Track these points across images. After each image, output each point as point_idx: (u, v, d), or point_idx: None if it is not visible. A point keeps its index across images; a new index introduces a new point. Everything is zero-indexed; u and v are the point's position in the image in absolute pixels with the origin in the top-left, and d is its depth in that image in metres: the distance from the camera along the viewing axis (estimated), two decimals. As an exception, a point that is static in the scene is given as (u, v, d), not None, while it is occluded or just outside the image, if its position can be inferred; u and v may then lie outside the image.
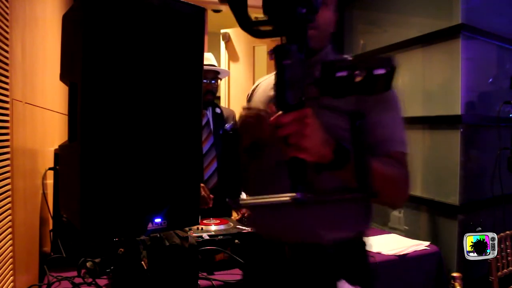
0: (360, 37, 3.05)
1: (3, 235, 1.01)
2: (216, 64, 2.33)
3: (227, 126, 0.88)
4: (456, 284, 1.58)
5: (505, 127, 2.32)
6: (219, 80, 2.35)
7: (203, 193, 1.92)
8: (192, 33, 0.98)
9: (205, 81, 2.21)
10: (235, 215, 2.16)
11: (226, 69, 2.42)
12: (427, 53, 2.42)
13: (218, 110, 2.34)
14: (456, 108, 2.18)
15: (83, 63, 0.84)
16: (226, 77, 4.06)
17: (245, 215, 1.94)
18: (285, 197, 0.66)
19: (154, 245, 1.09)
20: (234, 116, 2.44)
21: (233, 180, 0.81)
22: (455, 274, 1.61)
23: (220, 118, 2.33)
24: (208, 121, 2.29)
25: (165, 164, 0.96)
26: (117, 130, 0.88)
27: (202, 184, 1.99)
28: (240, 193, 0.79)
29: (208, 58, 2.30)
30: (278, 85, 0.64)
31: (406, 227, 2.46)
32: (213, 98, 2.32)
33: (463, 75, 2.16)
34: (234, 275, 1.36)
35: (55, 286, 1.24)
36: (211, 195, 1.93)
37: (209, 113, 2.31)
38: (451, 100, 2.23)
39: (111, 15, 0.85)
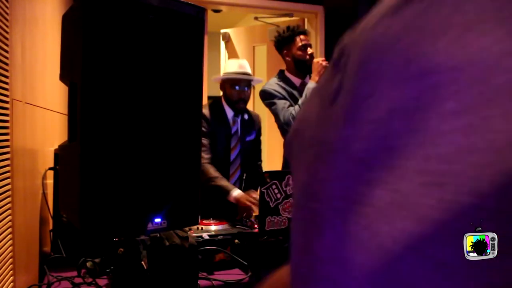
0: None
1: (3, 235, 1.01)
2: (250, 72, 2.19)
3: None
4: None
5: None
6: (252, 88, 2.20)
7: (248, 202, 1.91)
8: (192, 33, 0.98)
9: (237, 87, 2.11)
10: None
11: (259, 78, 2.33)
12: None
13: (246, 116, 2.25)
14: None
15: (83, 63, 0.84)
16: (226, 77, 4.06)
17: (244, 215, 1.93)
18: None
19: (154, 245, 1.09)
20: (259, 121, 2.36)
21: None
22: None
23: (247, 124, 2.28)
24: (237, 130, 2.23)
25: (165, 164, 0.96)
26: (117, 130, 0.88)
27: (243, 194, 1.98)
28: None
29: (243, 66, 2.16)
30: None
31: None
32: (245, 107, 2.19)
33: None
34: (234, 275, 1.36)
35: (55, 286, 1.23)
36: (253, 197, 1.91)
37: (238, 120, 2.23)
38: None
39: (111, 15, 0.85)
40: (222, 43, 4.04)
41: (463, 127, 0.25)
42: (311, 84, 2.31)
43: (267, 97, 2.35)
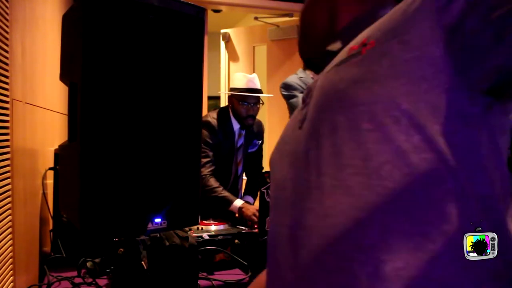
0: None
1: (3, 235, 1.01)
2: (259, 87, 2.14)
3: None
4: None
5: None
6: (261, 104, 2.18)
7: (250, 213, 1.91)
8: (192, 33, 0.98)
9: (245, 103, 2.08)
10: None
11: (267, 94, 2.28)
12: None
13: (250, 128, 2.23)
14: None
15: (83, 63, 0.84)
16: (226, 76, 4.05)
17: (243, 215, 1.93)
18: None
19: (154, 245, 1.09)
20: (263, 128, 2.34)
21: None
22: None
23: (251, 136, 2.26)
24: (242, 143, 2.22)
25: (165, 164, 0.96)
26: (117, 130, 0.88)
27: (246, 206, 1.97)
28: None
29: (252, 81, 2.11)
30: None
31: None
32: (253, 123, 2.17)
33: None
34: (234, 275, 1.36)
35: (55, 286, 1.23)
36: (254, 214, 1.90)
37: (243, 133, 2.21)
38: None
39: (111, 15, 0.85)
40: (222, 43, 4.04)
41: (373, 139, 0.41)
42: None
43: (289, 89, 2.34)
